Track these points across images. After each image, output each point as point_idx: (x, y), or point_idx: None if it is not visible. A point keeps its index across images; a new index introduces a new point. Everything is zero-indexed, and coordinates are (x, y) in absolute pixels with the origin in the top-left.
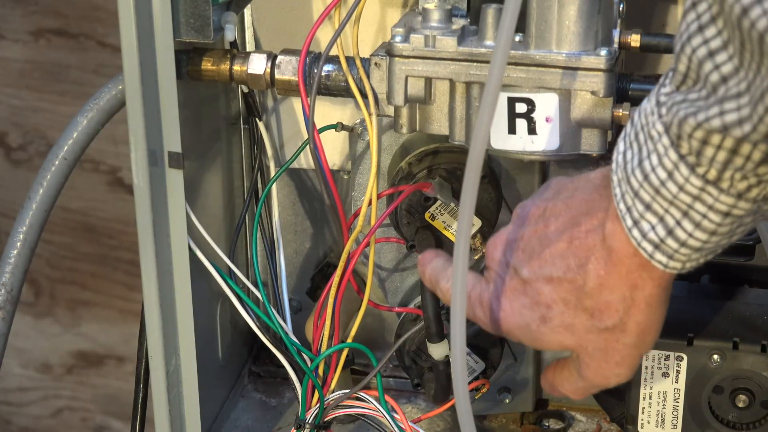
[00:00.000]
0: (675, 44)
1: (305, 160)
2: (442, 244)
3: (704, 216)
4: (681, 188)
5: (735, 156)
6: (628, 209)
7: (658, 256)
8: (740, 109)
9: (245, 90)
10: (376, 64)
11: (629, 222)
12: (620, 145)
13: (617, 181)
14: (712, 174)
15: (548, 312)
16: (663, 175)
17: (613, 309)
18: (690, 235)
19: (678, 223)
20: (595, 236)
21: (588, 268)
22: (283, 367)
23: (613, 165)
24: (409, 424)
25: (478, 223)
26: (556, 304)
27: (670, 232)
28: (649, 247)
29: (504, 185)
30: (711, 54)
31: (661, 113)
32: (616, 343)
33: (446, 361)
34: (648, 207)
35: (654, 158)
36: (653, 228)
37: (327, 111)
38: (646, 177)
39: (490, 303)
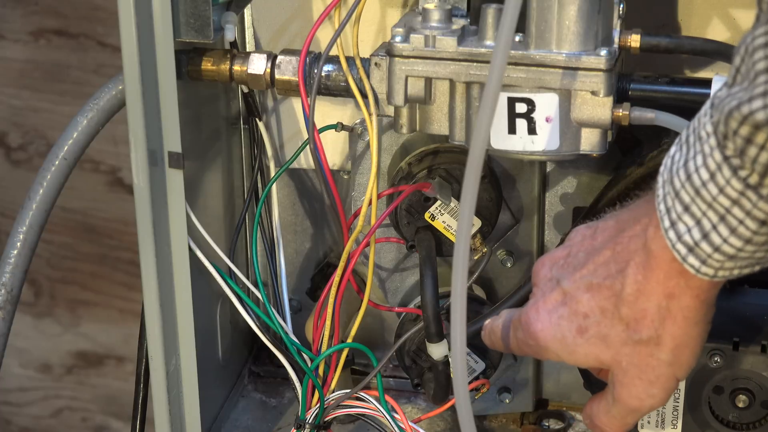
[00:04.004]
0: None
1: (305, 160)
2: (442, 245)
3: (741, 222)
4: (721, 190)
5: None
6: (668, 210)
7: (691, 259)
8: None
9: (245, 90)
10: (376, 64)
11: (667, 223)
12: (672, 149)
13: (662, 182)
14: (754, 178)
15: (585, 321)
16: (705, 175)
17: (648, 319)
18: (725, 240)
19: (714, 227)
20: (638, 241)
21: (627, 272)
22: (283, 367)
23: (662, 167)
24: (409, 424)
25: (478, 223)
26: (594, 313)
27: (705, 236)
28: (683, 250)
29: (504, 185)
30: (765, 44)
31: (712, 114)
32: (651, 358)
33: (446, 361)
34: (687, 209)
35: (699, 159)
36: (689, 230)
37: (327, 111)
38: (688, 177)
39: (529, 317)
